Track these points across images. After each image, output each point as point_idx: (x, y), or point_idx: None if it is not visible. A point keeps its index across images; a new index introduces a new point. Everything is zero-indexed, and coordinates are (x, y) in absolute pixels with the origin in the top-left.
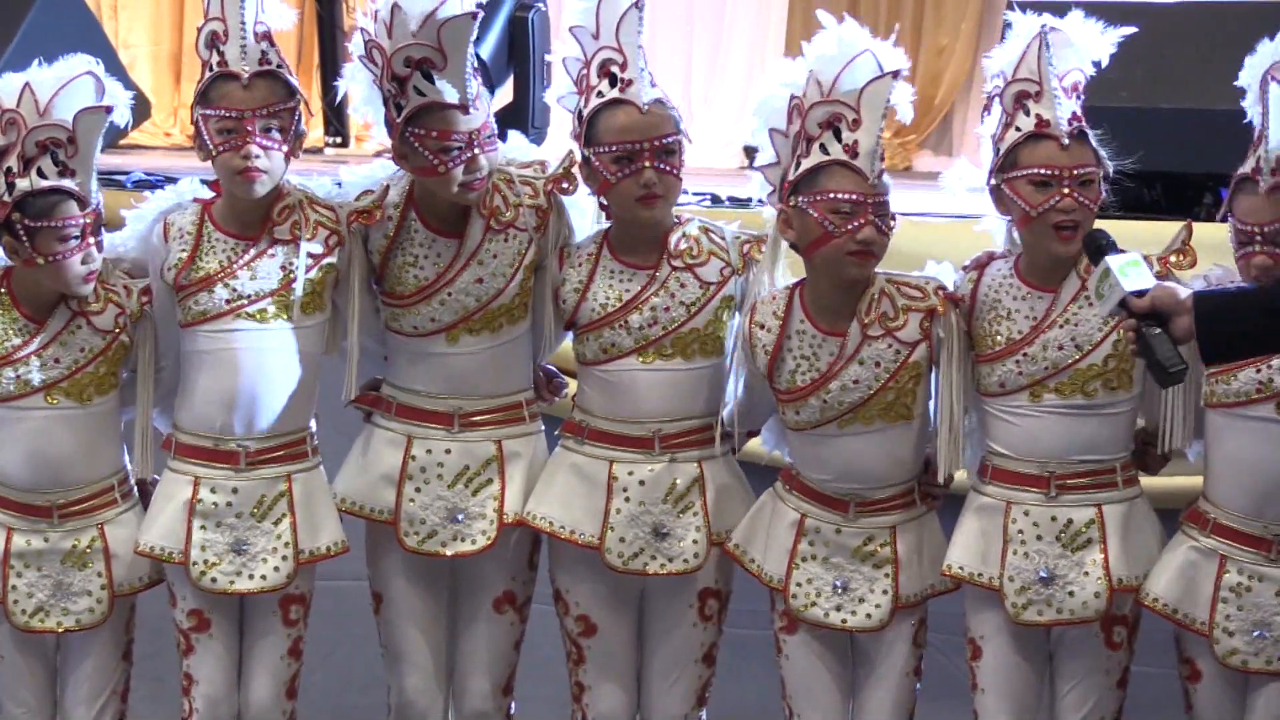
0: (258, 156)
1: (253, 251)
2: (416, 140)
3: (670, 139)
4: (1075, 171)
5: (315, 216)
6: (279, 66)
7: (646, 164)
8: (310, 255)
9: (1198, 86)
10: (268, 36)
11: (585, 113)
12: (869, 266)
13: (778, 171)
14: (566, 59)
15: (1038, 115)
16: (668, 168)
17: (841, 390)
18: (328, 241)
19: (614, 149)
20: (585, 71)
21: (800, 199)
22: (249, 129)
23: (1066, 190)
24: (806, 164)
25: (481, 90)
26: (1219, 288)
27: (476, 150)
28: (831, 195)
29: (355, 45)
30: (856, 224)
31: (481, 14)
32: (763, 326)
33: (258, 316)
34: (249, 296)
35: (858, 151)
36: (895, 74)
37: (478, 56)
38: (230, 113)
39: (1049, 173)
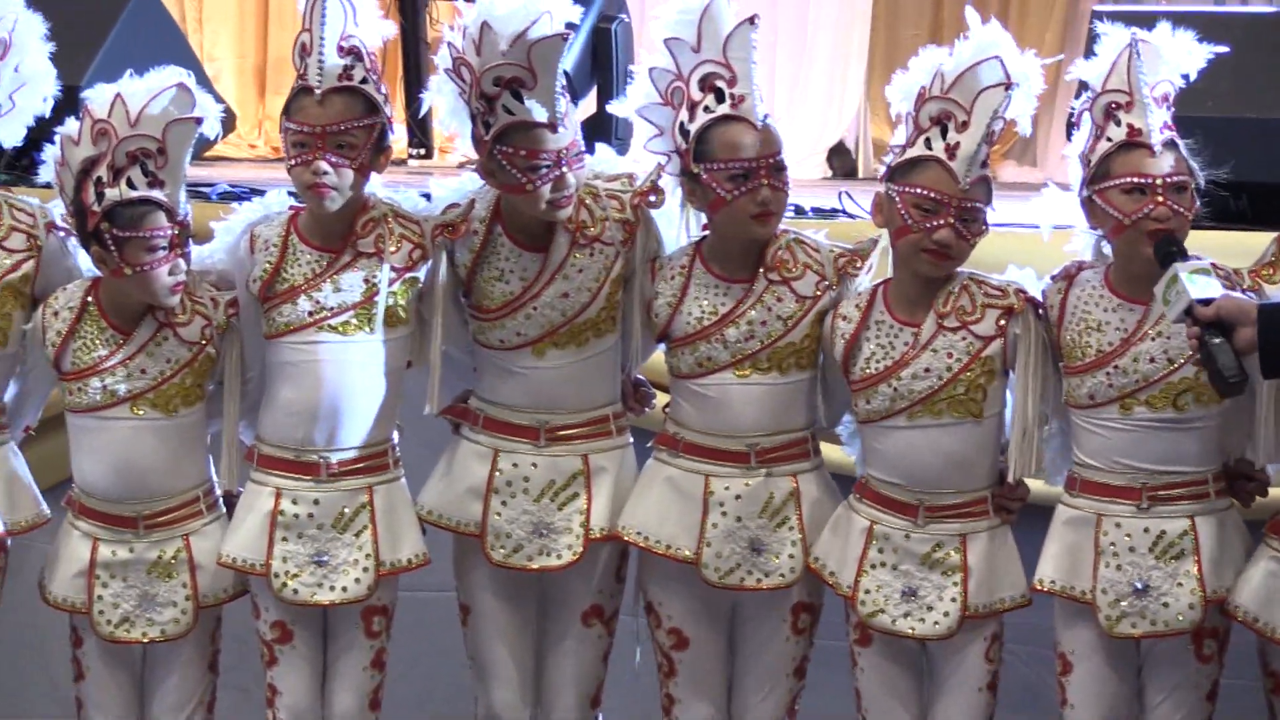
0: (325, 173)
1: (336, 264)
2: (505, 158)
3: (781, 156)
4: (1168, 178)
5: (399, 230)
6: (362, 82)
7: (764, 181)
8: (393, 269)
9: None
10: (354, 51)
11: (693, 128)
12: (943, 268)
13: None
14: (654, 69)
15: (1129, 125)
16: (780, 185)
17: (912, 378)
18: (411, 255)
19: (730, 166)
20: (680, 84)
21: (892, 186)
22: (319, 145)
23: (1160, 198)
24: (909, 154)
25: (569, 107)
26: None
27: (565, 168)
28: (918, 190)
29: (441, 58)
30: (936, 223)
31: (572, 35)
32: (845, 318)
33: (340, 329)
34: (331, 309)
35: (956, 153)
36: (1009, 85)
37: (564, 72)
38: (303, 127)
39: (1141, 180)
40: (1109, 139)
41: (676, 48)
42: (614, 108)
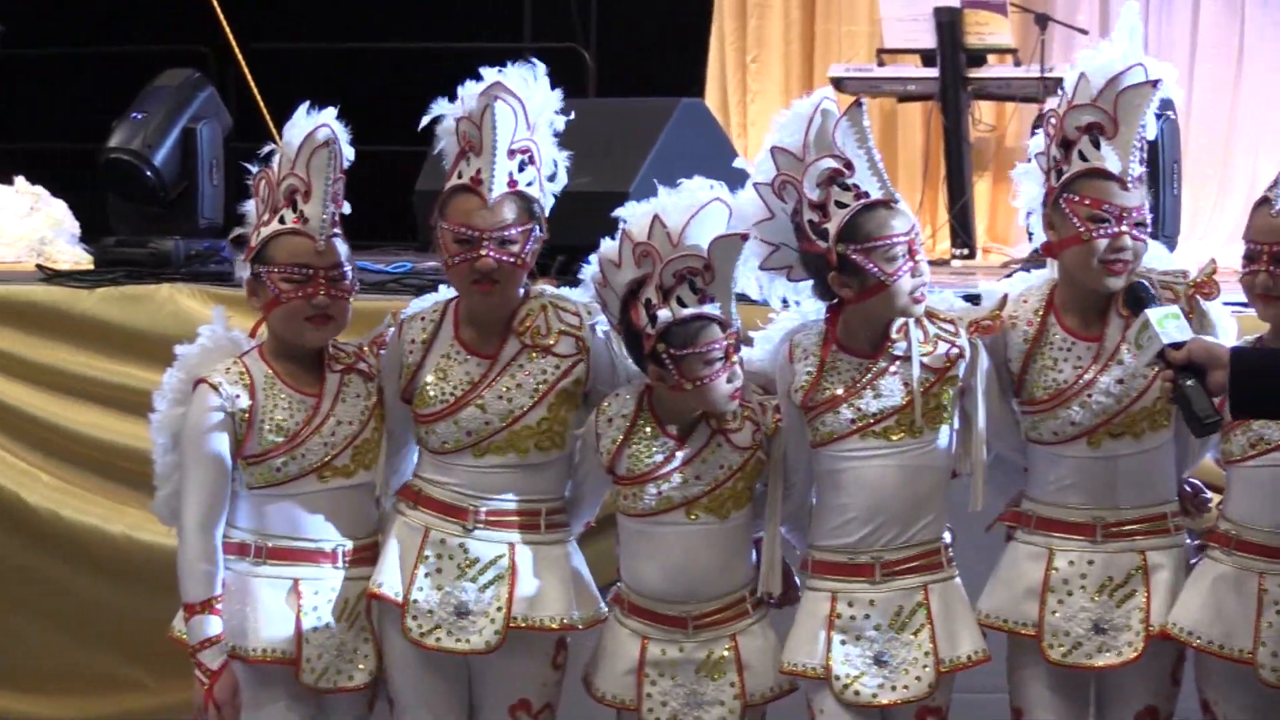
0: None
1: (874, 369)
2: (1068, 206)
3: None
4: None
5: (934, 330)
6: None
7: (1264, 268)
8: (926, 367)
9: None
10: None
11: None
12: None
13: None
14: None
15: None
16: None
17: None
18: (948, 355)
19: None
20: None
21: None
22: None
23: None
24: None
25: (1143, 174)
26: (1260, 347)
27: (1125, 228)
28: None
29: (1034, 145)
30: None
31: (1160, 84)
32: None
33: (883, 435)
34: (874, 415)
35: None
36: None
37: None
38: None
39: None
40: None
41: None
42: None
